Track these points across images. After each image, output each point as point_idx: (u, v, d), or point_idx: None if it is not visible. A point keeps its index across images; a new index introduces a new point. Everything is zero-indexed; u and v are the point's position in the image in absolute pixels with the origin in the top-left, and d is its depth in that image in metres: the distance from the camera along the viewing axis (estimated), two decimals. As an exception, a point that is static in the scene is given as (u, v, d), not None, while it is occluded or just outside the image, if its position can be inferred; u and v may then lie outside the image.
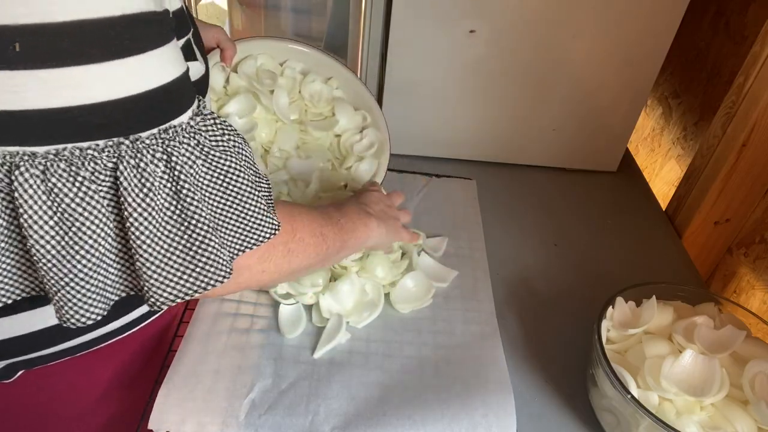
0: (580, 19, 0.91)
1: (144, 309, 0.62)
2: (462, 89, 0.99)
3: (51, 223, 0.38)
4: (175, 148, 0.41)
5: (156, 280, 0.42)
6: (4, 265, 0.41)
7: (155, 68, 0.39)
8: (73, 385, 0.63)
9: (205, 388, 0.63)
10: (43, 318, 0.52)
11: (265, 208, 0.49)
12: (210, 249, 0.43)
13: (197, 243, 0.43)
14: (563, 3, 0.89)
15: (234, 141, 0.47)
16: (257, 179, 0.50)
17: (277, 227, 0.50)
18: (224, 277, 0.45)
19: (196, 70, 0.53)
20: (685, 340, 0.64)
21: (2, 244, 0.40)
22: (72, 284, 0.40)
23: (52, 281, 0.40)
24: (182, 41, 0.50)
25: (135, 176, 0.39)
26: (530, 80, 0.97)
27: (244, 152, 0.48)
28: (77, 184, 0.38)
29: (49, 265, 0.39)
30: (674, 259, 0.92)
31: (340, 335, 0.69)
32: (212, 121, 0.46)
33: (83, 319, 0.42)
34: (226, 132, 0.46)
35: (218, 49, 0.80)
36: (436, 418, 0.62)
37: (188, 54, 0.51)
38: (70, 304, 0.41)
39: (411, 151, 1.06)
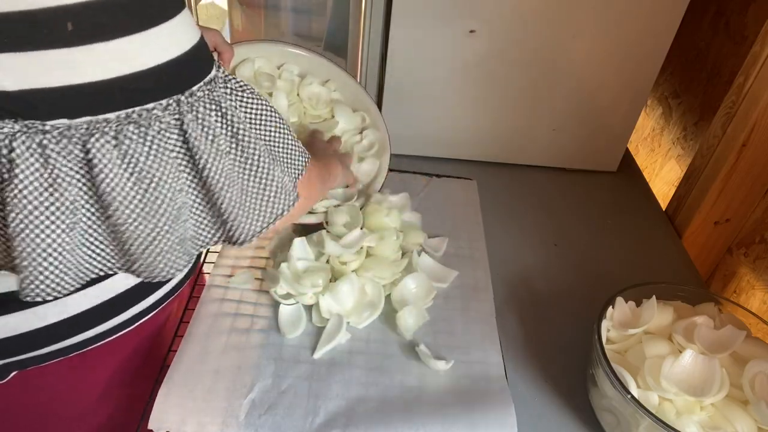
0: (580, 19, 0.91)
1: (139, 307, 0.61)
2: (462, 89, 0.99)
3: (129, 184, 0.41)
4: (222, 97, 0.45)
5: (242, 216, 0.47)
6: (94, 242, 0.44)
7: (184, 31, 0.42)
8: (72, 386, 0.63)
9: (205, 388, 0.63)
10: (35, 319, 0.52)
11: (296, 139, 0.54)
12: (276, 178, 0.49)
13: (264, 175, 0.48)
14: (563, 3, 0.89)
15: (246, 85, 0.50)
16: (281, 120, 0.55)
17: (308, 154, 0.56)
18: (294, 200, 0.51)
19: None
20: (685, 340, 0.64)
21: (85, 219, 0.42)
22: (158, 240, 0.44)
23: (139, 240, 0.43)
24: None
25: (198, 126, 0.43)
26: (530, 80, 0.97)
27: (265, 102, 0.52)
28: (147, 143, 0.41)
29: (135, 224, 0.42)
30: (674, 259, 0.92)
31: (340, 335, 0.69)
32: (232, 77, 0.49)
33: (172, 271, 0.47)
34: (245, 87, 0.50)
35: (215, 53, 0.80)
36: (435, 418, 0.62)
37: None
38: (158, 260, 0.45)
39: (411, 151, 1.06)
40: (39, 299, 0.43)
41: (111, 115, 0.40)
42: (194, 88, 0.43)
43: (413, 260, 0.79)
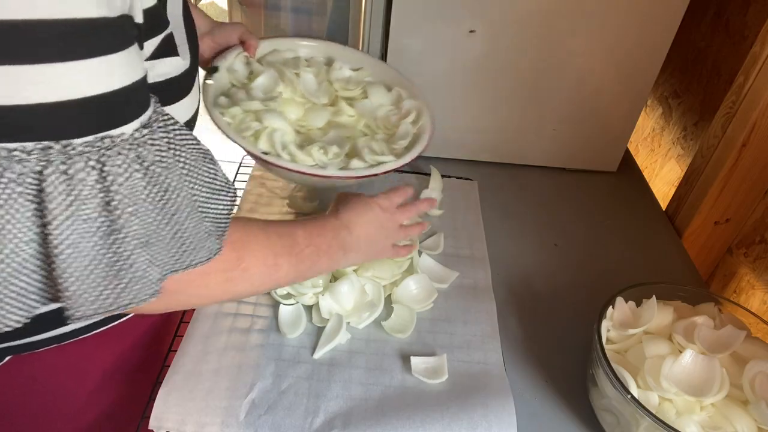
0: (580, 20, 0.91)
1: None
2: (462, 89, 0.99)
3: None
4: (110, 159, 0.40)
5: (75, 292, 0.41)
6: None
7: (93, 76, 0.38)
8: (67, 377, 0.63)
9: (205, 388, 0.63)
10: None
11: (206, 230, 0.47)
12: (137, 265, 0.42)
13: (123, 258, 0.42)
14: (563, 3, 0.89)
15: (182, 156, 0.45)
16: (208, 198, 0.48)
17: (213, 253, 0.48)
18: (150, 296, 0.44)
19: (174, 66, 0.52)
20: (685, 340, 0.64)
21: None
22: None
23: None
24: (156, 39, 0.49)
25: (62, 182, 0.38)
26: (530, 80, 0.97)
27: (194, 168, 0.46)
28: (1, 185, 0.37)
29: None
30: (674, 259, 0.92)
31: (340, 336, 0.69)
32: (164, 134, 0.44)
33: (0, 326, 0.41)
34: (175, 147, 0.45)
35: (238, 45, 0.79)
36: (435, 418, 0.62)
37: (166, 51, 0.50)
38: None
39: (411, 151, 1.06)
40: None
41: None
42: (78, 140, 0.39)
43: (414, 261, 0.79)
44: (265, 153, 0.69)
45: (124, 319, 0.62)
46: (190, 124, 0.61)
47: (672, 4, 0.89)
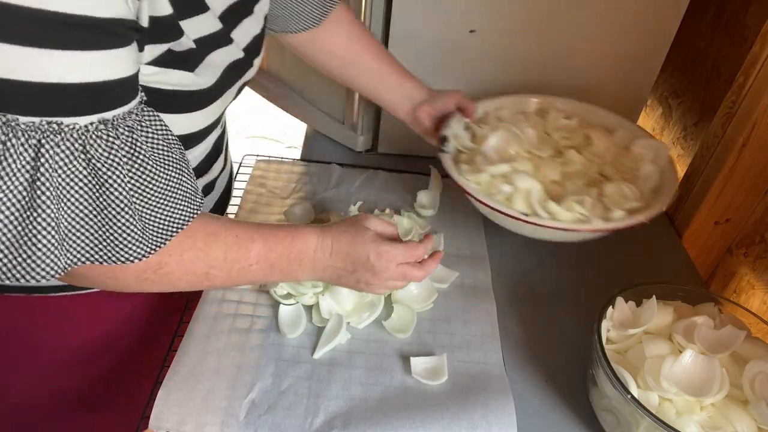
0: (580, 20, 0.91)
1: None
2: (462, 89, 0.98)
3: None
4: (51, 142, 0.42)
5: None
6: None
7: (57, 66, 0.41)
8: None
9: (205, 388, 0.63)
10: None
11: (134, 233, 0.48)
12: (40, 244, 0.44)
13: (30, 234, 0.44)
14: (563, 3, 0.89)
15: (139, 160, 0.47)
16: (159, 204, 0.49)
17: (135, 256, 0.49)
18: (46, 274, 0.45)
19: (181, 80, 0.54)
20: (685, 340, 0.64)
21: None
22: None
23: None
24: (161, 47, 0.50)
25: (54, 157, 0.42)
26: (530, 80, 0.97)
27: (150, 174, 0.48)
28: None
29: None
30: (674, 259, 0.92)
31: (340, 335, 0.69)
32: (127, 134, 0.46)
33: None
34: (135, 148, 0.46)
35: (456, 111, 0.83)
36: (435, 418, 0.62)
37: (173, 62, 0.52)
38: None
39: (412, 152, 1.06)
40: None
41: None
42: (23, 118, 0.42)
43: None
44: (525, 214, 0.71)
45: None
46: (195, 137, 0.62)
47: (672, 4, 0.89)
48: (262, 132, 2.74)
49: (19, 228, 0.43)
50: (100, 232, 0.47)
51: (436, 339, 0.71)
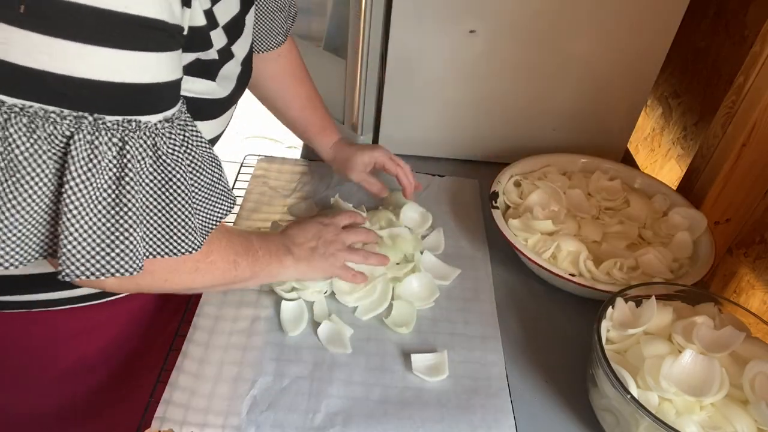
0: (580, 20, 0.91)
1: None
2: (462, 89, 0.99)
3: None
4: (132, 140, 0.44)
5: (70, 250, 0.45)
6: None
7: (136, 67, 0.43)
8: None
9: (206, 386, 0.63)
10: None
11: (193, 225, 0.51)
12: (130, 240, 0.46)
13: (121, 230, 0.46)
14: (563, 3, 0.89)
15: (193, 155, 0.50)
16: (206, 198, 0.52)
17: (194, 247, 0.52)
18: (133, 270, 0.47)
19: (205, 88, 0.57)
20: (685, 340, 0.64)
21: None
22: None
23: None
24: (191, 55, 0.53)
25: (86, 149, 0.43)
26: (530, 80, 0.97)
27: (200, 168, 0.51)
28: (32, 140, 0.42)
29: None
30: (674, 259, 0.92)
31: (387, 301, 0.73)
32: (181, 132, 0.48)
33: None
34: (188, 145, 0.49)
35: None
36: (435, 418, 0.62)
37: (200, 71, 0.55)
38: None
39: (412, 152, 1.06)
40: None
41: (8, 99, 0.41)
42: (109, 117, 0.43)
43: (416, 260, 0.79)
44: (572, 275, 0.75)
45: (99, 302, 0.66)
46: (211, 144, 0.65)
47: (672, 4, 0.89)
48: (262, 132, 2.74)
49: (109, 225, 0.45)
50: (165, 225, 0.49)
51: (437, 338, 0.72)
